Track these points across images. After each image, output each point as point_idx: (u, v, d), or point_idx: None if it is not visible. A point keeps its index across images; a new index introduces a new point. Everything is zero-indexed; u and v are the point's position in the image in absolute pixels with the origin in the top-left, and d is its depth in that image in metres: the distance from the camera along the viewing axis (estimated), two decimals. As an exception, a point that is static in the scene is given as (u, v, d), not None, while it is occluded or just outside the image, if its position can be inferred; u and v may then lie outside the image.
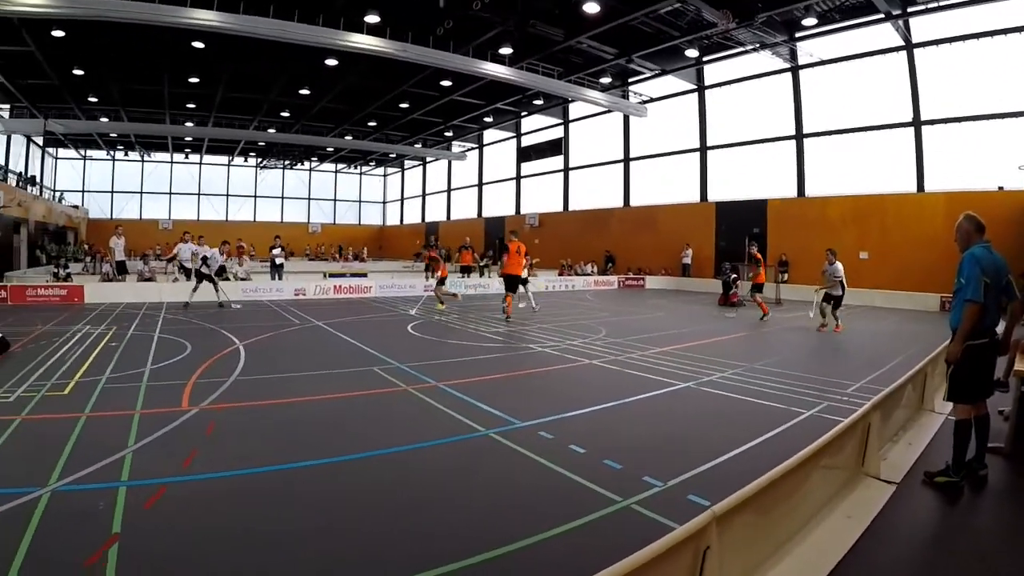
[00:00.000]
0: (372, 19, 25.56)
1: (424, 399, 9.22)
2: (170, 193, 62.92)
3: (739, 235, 32.29)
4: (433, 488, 5.95)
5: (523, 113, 48.86)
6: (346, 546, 4.78)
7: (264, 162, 65.40)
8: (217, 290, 21.28)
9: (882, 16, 26.13)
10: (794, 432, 7.70)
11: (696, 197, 37.50)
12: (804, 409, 8.97)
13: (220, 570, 4.41)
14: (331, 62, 31.76)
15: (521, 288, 20.71)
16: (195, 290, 21.50)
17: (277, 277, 27.86)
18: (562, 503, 5.53)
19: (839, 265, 17.70)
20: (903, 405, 7.94)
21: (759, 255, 22.82)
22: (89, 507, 5.20)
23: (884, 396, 6.80)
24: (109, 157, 59.60)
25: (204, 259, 21.27)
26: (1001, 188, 24.68)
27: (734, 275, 26.77)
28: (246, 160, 65.02)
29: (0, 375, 10.07)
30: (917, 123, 27.49)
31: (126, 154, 59.12)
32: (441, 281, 22.67)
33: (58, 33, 26.70)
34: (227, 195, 65.88)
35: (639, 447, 7.27)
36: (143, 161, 61.06)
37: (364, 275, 34.58)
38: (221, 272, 24.15)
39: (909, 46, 27.37)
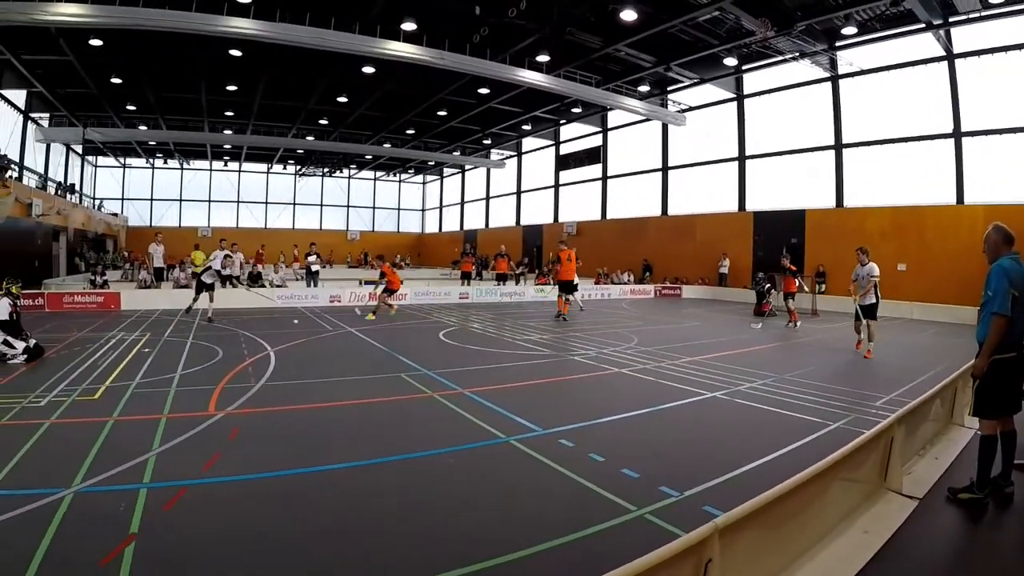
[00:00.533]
0: (409, 27, 25.54)
1: (449, 405, 9.25)
2: (209, 200, 63.48)
3: (777, 245, 32.06)
4: (447, 494, 5.97)
5: (561, 121, 48.86)
6: (355, 549, 4.84)
7: (303, 169, 65.65)
8: (212, 300, 20.70)
9: (923, 26, 25.85)
10: (819, 444, 7.61)
11: (734, 206, 37.24)
12: (831, 421, 8.88)
13: (230, 570, 4.48)
14: (368, 70, 31.82)
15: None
16: (195, 300, 20.95)
17: (313, 284, 28.04)
18: (574, 511, 5.53)
19: (873, 265, 15.55)
20: (931, 419, 7.81)
21: (792, 266, 22.91)
22: (110, 508, 5.30)
23: (908, 410, 6.69)
24: (148, 165, 60.03)
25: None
26: None
27: (768, 284, 26.53)
28: (285, 167, 65.41)
29: (33, 380, 10.29)
30: (957, 134, 27.12)
31: (165, 162, 59.52)
32: (389, 291, 22.31)
33: (96, 42, 27.04)
34: (266, 202, 66.21)
35: (659, 457, 7.25)
36: (182, 169, 61.53)
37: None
38: (257, 279, 24.31)
39: (950, 56, 27.04)
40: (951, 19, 25.43)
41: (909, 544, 5.15)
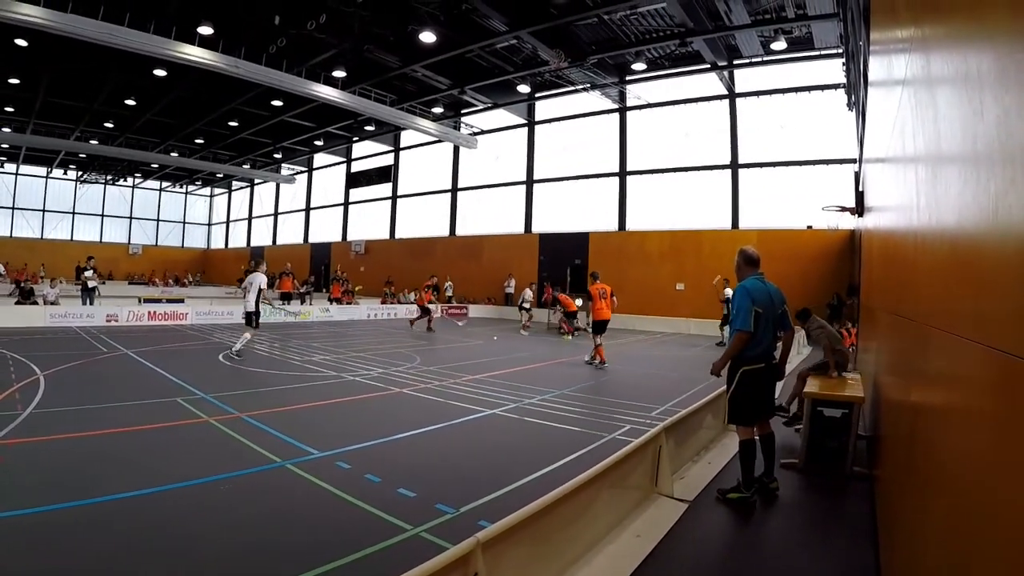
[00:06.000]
0: (205, 30, 24.69)
1: (224, 430, 9.00)
2: (-20, 206, 58.80)
3: (562, 265, 33.22)
4: (219, 522, 5.82)
5: (354, 138, 48.86)
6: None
7: (84, 176, 61.88)
8: None
9: (708, 66, 27.71)
10: (595, 455, 7.86)
11: (521, 228, 38.41)
12: (607, 432, 9.31)
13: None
14: (160, 72, 30.69)
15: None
16: None
17: (89, 302, 26.56)
18: (348, 533, 5.53)
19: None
20: (704, 427, 8.39)
21: (562, 296, 25.28)
22: None
23: (674, 420, 7.16)
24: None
25: None
26: (810, 227, 26.82)
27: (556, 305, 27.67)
28: (65, 173, 61.54)
29: None
30: (735, 165, 29.25)
31: (-69, 159, 54.55)
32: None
33: None
34: (44, 210, 61.94)
35: (437, 475, 7.34)
36: (-49, 168, 56.55)
37: (181, 301, 33.41)
38: (29, 295, 22.97)
39: (732, 95, 29.09)
40: (735, 61, 27.45)
41: (680, 544, 5.46)
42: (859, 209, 17.85)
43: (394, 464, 7.65)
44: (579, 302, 26.47)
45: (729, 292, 21.35)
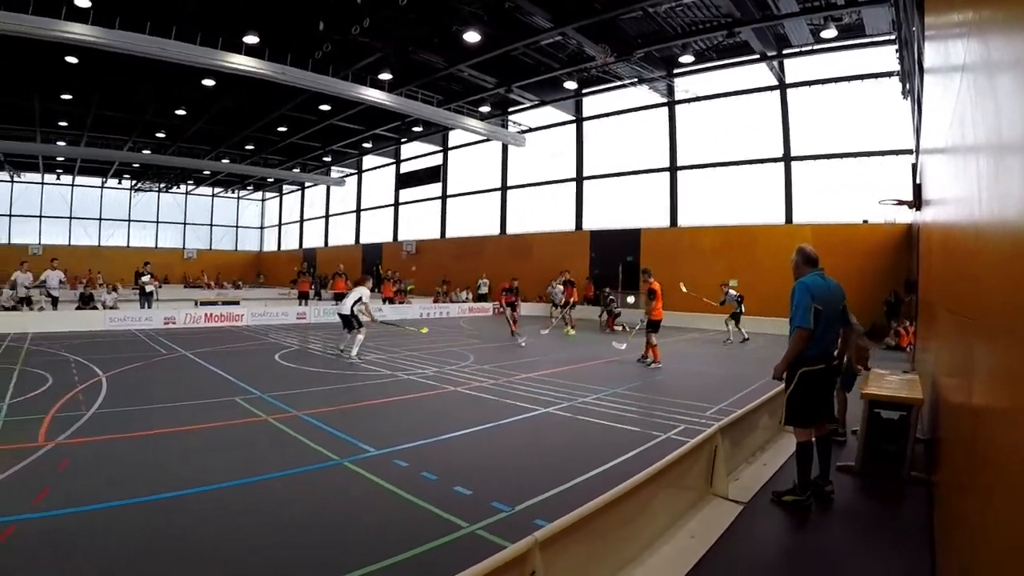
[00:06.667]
0: (251, 40, 25.08)
1: (283, 429, 9.14)
2: (40, 216, 59.84)
3: (613, 263, 33.02)
4: (279, 519, 5.91)
5: (403, 140, 48.98)
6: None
7: (139, 184, 63.02)
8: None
9: (757, 56, 27.34)
10: (650, 454, 7.81)
11: (572, 226, 38.22)
12: (662, 432, 9.24)
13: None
14: (208, 82, 31.05)
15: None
16: None
17: (147, 305, 26.99)
18: (405, 531, 5.56)
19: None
20: (760, 427, 8.28)
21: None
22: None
23: (730, 421, 7.08)
24: (-26, 178, 56.18)
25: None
26: (865, 221, 26.08)
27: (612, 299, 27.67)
28: (120, 182, 62.76)
29: None
30: (787, 158, 28.70)
31: (-7, 174, 55.82)
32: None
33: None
34: (100, 219, 63.14)
35: (492, 473, 7.38)
36: (12, 181, 57.72)
37: (236, 303, 33.77)
38: (88, 300, 23.40)
39: (783, 85, 28.60)
40: (784, 51, 26.92)
41: (734, 546, 5.41)
42: (917, 203, 17.37)
43: (450, 462, 7.70)
44: (631, 299, 26.44)
45: (734, 293, 22.19)
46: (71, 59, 27.70)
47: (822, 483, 6.60)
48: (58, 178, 59.59)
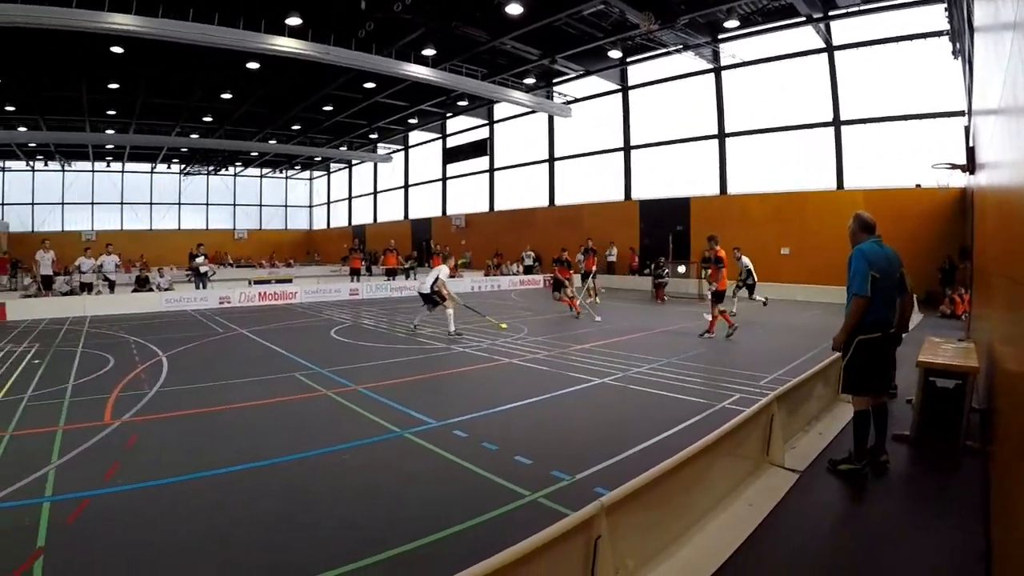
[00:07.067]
0: (293, 21, 25.17)
1: (343, 403, 9.37)
2: (92, 203, 60.92)
3: (663, 232, 32.83)
4: (346, 488, 6.12)
5: (448, 114, 48.85)
6: (269, 546, 4.94)
7: (187, 168, 63.94)
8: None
9: (803, 19, 26.85)
10: (707, 423, 7.92)
11: (620, 196, 37.93)
12: (717, 402, 9.31)
13: (138, 578, 4.51)
14: (253, 65, 31.35)
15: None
16: None
17: (201, 286, 27.49)
18: (468, 499, 5.73)
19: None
20: (815, 396, 8.28)
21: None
22: (15, 523, 5.26)
23: (786, 389, 7.12)
24: (28, 168, 57.28)
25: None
26: (918, 185, 25.38)
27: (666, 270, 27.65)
28: (169, 167, 63.67)
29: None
30: (837, 123, 28.18)
31: (46, 164, 56.81)
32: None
33: (-33, 41, 25.76)
34: (151, 203, 64.17)
35: (551, 443, 7.49)
36: (64, 171, 58.84)
37: (289, 281, 34.16)
38: (144, 283, 23.86)
39: (830, 48, 28.06)
40: (831, 12, 26.44)
41: (791, 515, 5.49)
42: (970, 166, 17.01)
43: (509, 433, 7.87)
44: (682, 268, 26.38)
45: (746, 260, 21.43)
46: (116, 49, 27.99)
47: (878, 452, 6.58)
48: (108, 165, 60.44)
